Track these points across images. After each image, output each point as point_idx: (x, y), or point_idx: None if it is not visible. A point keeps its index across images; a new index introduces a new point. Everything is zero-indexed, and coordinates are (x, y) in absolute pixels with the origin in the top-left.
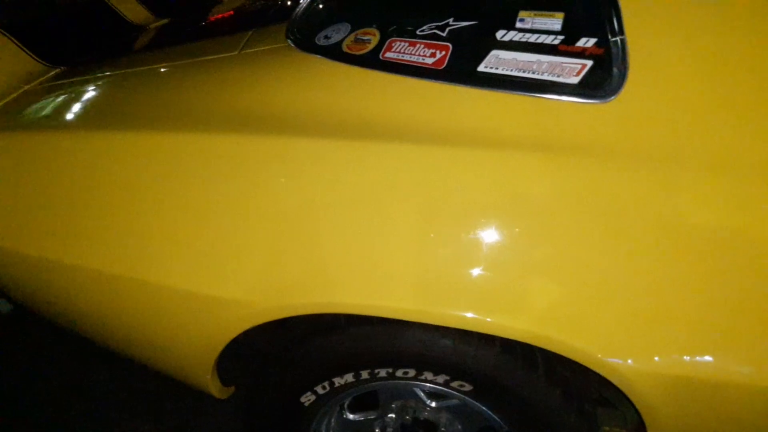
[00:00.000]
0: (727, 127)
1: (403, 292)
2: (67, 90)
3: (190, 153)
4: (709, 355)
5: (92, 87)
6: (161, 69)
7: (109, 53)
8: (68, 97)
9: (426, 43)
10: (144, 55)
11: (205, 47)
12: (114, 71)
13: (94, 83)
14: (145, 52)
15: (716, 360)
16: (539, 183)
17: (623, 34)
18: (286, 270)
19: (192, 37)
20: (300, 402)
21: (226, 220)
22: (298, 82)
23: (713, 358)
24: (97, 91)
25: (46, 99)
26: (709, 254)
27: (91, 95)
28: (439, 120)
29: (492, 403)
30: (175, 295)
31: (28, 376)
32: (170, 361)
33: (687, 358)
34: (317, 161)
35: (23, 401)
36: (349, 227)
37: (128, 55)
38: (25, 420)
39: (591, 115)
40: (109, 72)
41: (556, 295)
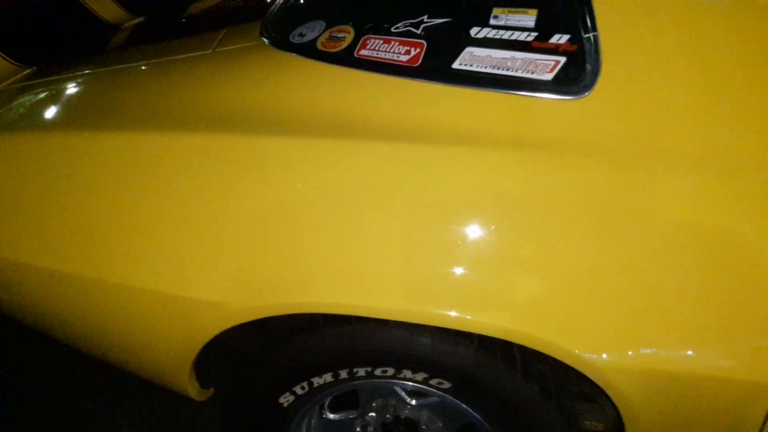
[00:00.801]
0: (700, 122)
1: (382, 291)
2: (39, 90)
3: (163, 153)
4: (685, 350)
5: (64, 87)
6: (134, 68)
7: (82, 53)
8: (39, 97)
9: (400, 41)
10: (118, 54)
11: (178, 46)
12: (87, 71)
13: (67, 83)
14: (119, 51)
15: (692, 354)
16: (514, 180)
17: (596, 30)
18: (263, 270)
19: (167, 35)
20: (279, 403)
21: (201, 220)
22: (272, 80)
23: (689, 353)
24: (69, 91)
25: (16, 100)
26: (684, 249)
27: (63, 96)
28: (414, 118)
29: (471, 400)
30: (149, 298)
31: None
32: (147, 364)
33: (663, 352)
34: (291, 160)
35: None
36: (326, 226)
37: (102, 54)
38: (7, 422)
39: (565, 111)
40: (82, 72)
41: (533, 292)
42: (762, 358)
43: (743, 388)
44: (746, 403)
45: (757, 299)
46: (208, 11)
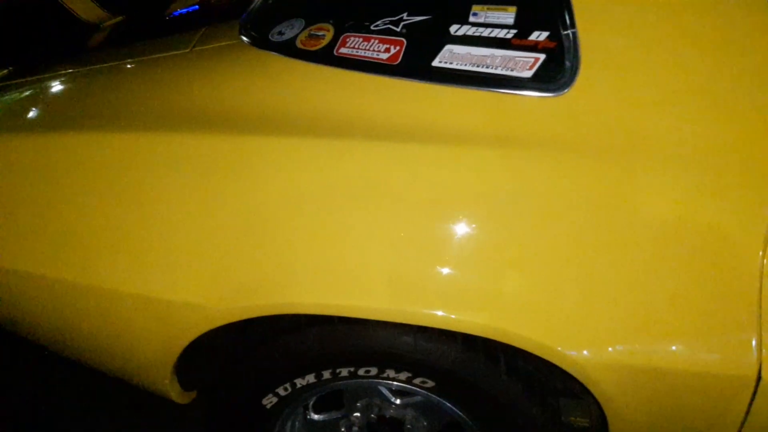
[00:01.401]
0: (679, 117)
1: (365, 291)
2: (15, 91)
3: (141, 154)
4: (666, 345)
5: (40, 88)
6: (111, 69)
7: (60, 52)
8: (14, 98)
9: (380, 38)
10: (96, 54)
11: (156, 45)
12: (64, 71)
13: (43, 84)
14: (98, 51)
15: (673, 349)
16: (495, 178)
17: (574, 27)
18: (244, 271)
19: (146, 34)
20: (262, 404)
21: (181, 221)
22: (250, 79)
23: (670, 348)
24: (46, 92)
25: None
26: (664, 245)
27: (38, 97)
28: (394, 116)
29: (455, 398)
30: (127, 300)
31: None
32: (127, 367)
33: (644, 348)
34: (271, 160)
35: None
36: (309, 227)
37: (80, 54)
38: None
39: (545, 108)
40: (59, 72)
41: (514, 290)
42: (743, 352)
43: (725, 383)
44: (728, 397)
45: (737, 294)
46: (190, 10)
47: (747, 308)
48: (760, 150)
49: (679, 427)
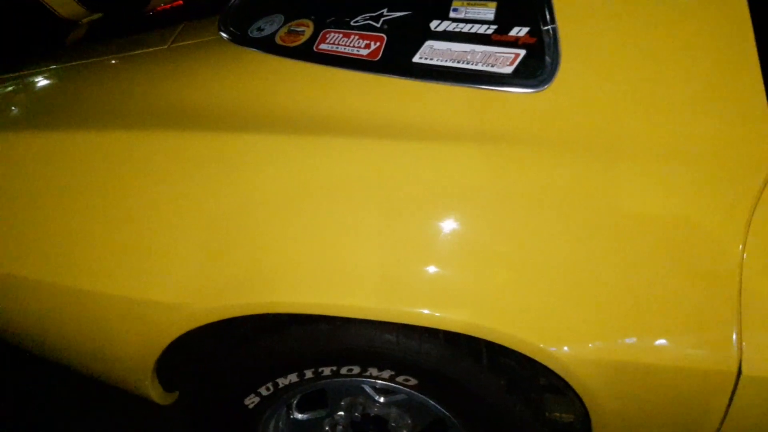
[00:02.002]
0: (660, 113)
1: (347, 290)
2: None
3: (117, 153)
4: (647, 341)
5: (15, 86)
6: (87, 66)
7: (37, 50)
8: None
9: (360, 34)
10: (73, 51)
11: (134, 41)
12: (40, 69)
13: (17, 82)
14: (75, 48)
15: (654, 345)
16: (476, 175)
17: (554, 22)
18: (224, 271)
19: (125, 31)
20: (244, 404)
21: (158, 219)
22: (229, 76)
23: (651, 343)
24: (22, 89)
25: None
26: (645, 241)
27: (14, 94)
28: (374, 113)
29: (438, 396)
30: (105, 301)
31: None
32: (108, 368)
33: (625, 343)
34: (251, 157)
35: None
36: (290, 225)
37: (57, 51)
38: None
39: (525, 104)
40: (35, 70)
41: (495, 286)
42: (723, 347)
43: (706, 378)
44: (709, 392)
45: (717, 289)
46: (170, 6)
47: (727, 303)
48: (739, 146)
49: (661, 422)
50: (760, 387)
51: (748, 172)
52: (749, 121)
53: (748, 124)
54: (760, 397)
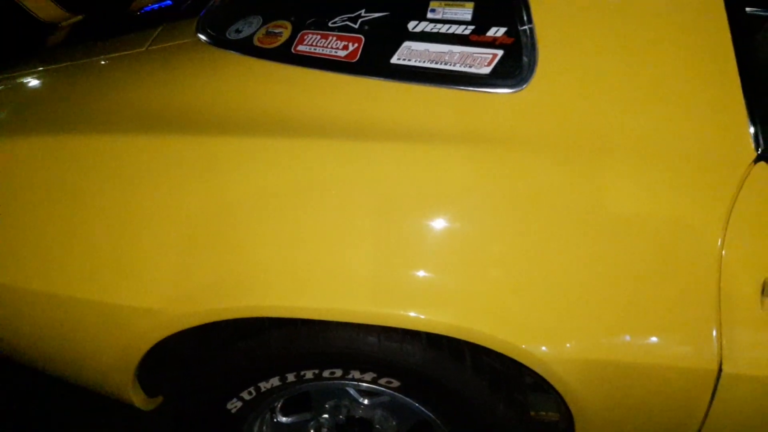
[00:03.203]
0: (637, 112)
1: (328, 293)
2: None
3: (92, 156)
4: (628, 339)
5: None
6: (65, 69)
7: (16, 53)
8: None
9: (338, 36)
10: (52, 54)
11: (111, 45)
12: (17, 72)
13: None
14: (54, 51)
15: (635, 343)
16: (455, 177)
17: (531, 22)
18: (202, 275)
19: (105, 34)
20: (226, 409)
21: (134, 224)
22: (207, 78)
23: (632, 342)
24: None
25: None
26: (625, 240)
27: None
28: (353, 114)
29: (421, 397)
30: (83, 307)
31: None
32: (87, 375)
33: (606, 342)
34: (228, 160)
35: None
36: (269, 228)
37: (37, 54)
38: None
39: (503, 105)
40: (12, 74)
41: (478, 287)
42: (704, 345)
43: (687, 376)
44: (690, 390)
45: (697, 287)
46: (151, 9)
47: (707, 301)
48: (717, 145)
49: (644, 420)
50: (740, 384)
51: (725, 170)
52: (726, 120)
53: (726, 123)
54: (740, 394)
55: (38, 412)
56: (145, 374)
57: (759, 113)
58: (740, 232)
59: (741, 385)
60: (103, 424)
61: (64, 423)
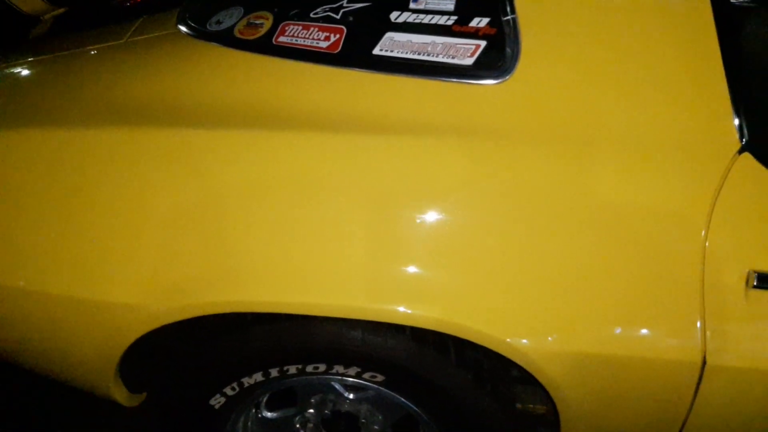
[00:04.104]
0: (621, 103)
1: (312, 288)
2: None
3: (71, 150)
4: (611, 332)
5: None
6: (44, 61)
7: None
8: None
9: (320, 26)
10: (33, 47)
11: (92, 36)
12: None
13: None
14: (36, 44)
15: (618, 336)
16: (439, 169)
17: (514, 12)
18: (182, 270)
19: (87, 26)
20: (210, 405)
21: (114, 218)
22: (186, 71)
23: (615, 334)
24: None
25: None
26: (608, 231)
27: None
28: (335, 106)
29: (406, 391)
30: (62, 303)
31: None
32: (69, 371)
33: (589, 335)
34: (208, 153)
35: None
36: (249, 221)
37: (19, 48)
38: None
39: (486, 96)
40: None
41: (461, 281)
42: (688, 337)
43: (671, 368)
44: (675, 382)
45: (681, 279)
46: (134, 1)
47: (691, 293)
48: (702, 137)
49: (628, 412)
50: (724, 377)
51: (709, 162)
52: (711, 111)
53: (710, 114)
54: (724, 386)
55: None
56: (128, 370)
57: (743, 104)
58: (724, 223)
59: (725, 378)
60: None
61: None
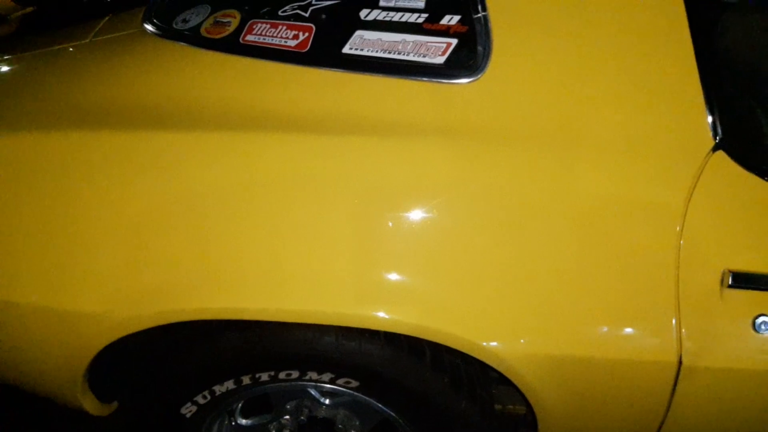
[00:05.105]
0: (592, 101)
1: (283, 294)
2: None
3: (30, 154)
4: (586, 334)
5: None
6: (5, 62)
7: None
8: None
9: (288, 25)
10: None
11: (56, 36)
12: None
13: None
14: (1, 45)
15: (593, 338)
16: (410, 170)
17: (485, 10)
18: (146, 277)
19: (54, 25)
20: (181, 414)
21: (77, 225)
22: (150, 70)
23: (590, 336)
24: None
25: None
26: (582, 231)
27: None
28: (302, 107)
29: (381, 397)
30: (26, 312)
31: None
32: (37, 381)
33: (564, 337)
34: (173, 156)
35: None
36: (216, 226)
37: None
38: None
39: (458, 95)
40: None
41: (435, 285)
42: (663, 338)
43: (647, 369)
44: (651, 383)
45: (655, 279)
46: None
47: (666, 293)
48: (676, 135)
49: (605, 413)
50: (700, 377)
51: (683, 160)
52: (684, 108)
53: (684, 112)
54: (701, 386)
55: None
56: (98, 379)
57: (716, 101)
58: (699, 223)
59: (701, 378)
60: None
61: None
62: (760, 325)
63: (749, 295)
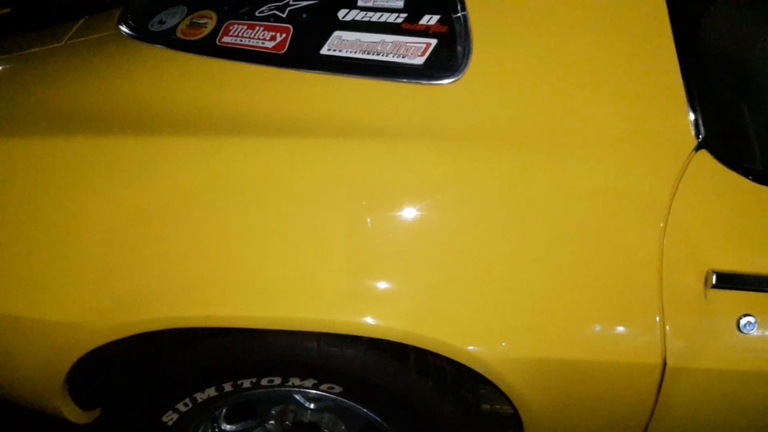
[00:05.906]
0: (573, 101)
1: (265, 301)
2: None
3: (2, 161)
4: (570, 336)
5: None
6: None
7: None
8: None
9: (265, 26)
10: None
11: (30, 39)
12: None
13: None
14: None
15: (577, 340)
16: (389, 172)
17: (465, 10)
18: (123, 286)
19: (29, 27)
20: (162, 422)
21: (51, 231)
22: (125, 74)
23: (574, 339)
24: None
25: None
26: (564, 233)
27: None
28: (280, 109)
29: (365, 401)
30: (3, 322)
31: None
32: (16, 390)
33: (547, 340)
34: (150, 161)
35: None
36: (193, 231)
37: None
38: None
39: (438, 96)
40: None
41: (422, 290)
42: (647, 339)
43: (631, 371)
44: (636, 384)
45: (639, 280)
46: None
47: (650, 294)
48: (658, 133)
49: (591, 415)
50: (685, 378)
51: (666, 159)
52: (666, 107)
53: (666, 111)
54: (686, 387)
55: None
56: (79, 386)
57: (699, 99)
58: (682, 223)
59: (686, 379)
60: None
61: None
62: (744, 325)
63: (733, 295)
